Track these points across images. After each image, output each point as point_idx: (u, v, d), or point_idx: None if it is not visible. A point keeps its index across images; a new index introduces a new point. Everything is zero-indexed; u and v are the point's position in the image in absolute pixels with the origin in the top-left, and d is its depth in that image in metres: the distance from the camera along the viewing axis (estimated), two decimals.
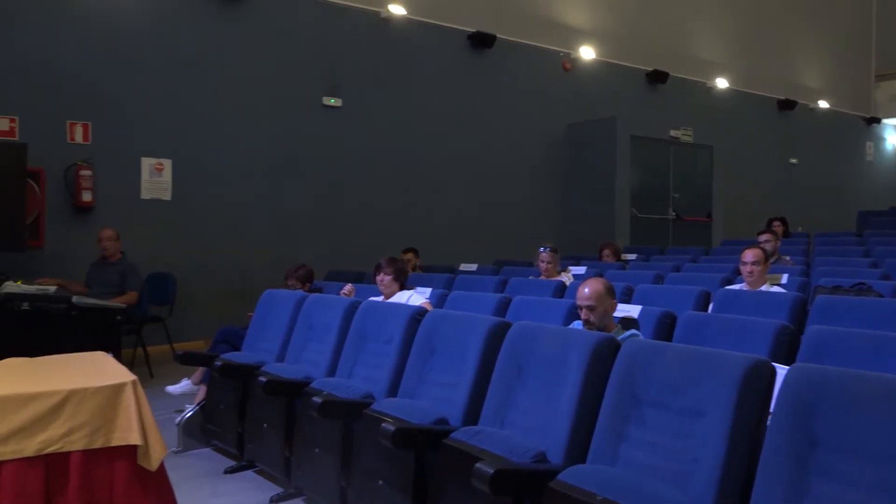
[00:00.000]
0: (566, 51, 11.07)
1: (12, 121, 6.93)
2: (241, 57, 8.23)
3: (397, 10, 9.30)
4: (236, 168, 8.18)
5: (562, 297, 5.18)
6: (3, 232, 5.99)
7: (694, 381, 2.39)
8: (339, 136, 8.94)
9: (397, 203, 9.38)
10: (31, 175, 6.61)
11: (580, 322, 3.59)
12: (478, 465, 2.44)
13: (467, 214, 9.97)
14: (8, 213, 6.00)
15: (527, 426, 2.84)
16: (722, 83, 13.12)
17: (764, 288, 4.79)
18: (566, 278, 6.06)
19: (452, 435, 2.83)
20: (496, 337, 3.21)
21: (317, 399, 3.30)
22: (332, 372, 4.02)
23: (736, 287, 5.00)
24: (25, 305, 5.57)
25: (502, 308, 4.54)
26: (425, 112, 9.64)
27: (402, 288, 5.07)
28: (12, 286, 5.66)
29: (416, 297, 4.95)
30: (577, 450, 2.62)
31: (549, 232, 10.06)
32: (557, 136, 10.98)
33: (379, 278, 5.07)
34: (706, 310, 4.47)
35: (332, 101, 8.91)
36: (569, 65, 11.11)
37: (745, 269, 4.86)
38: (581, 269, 6.59)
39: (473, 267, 7.65)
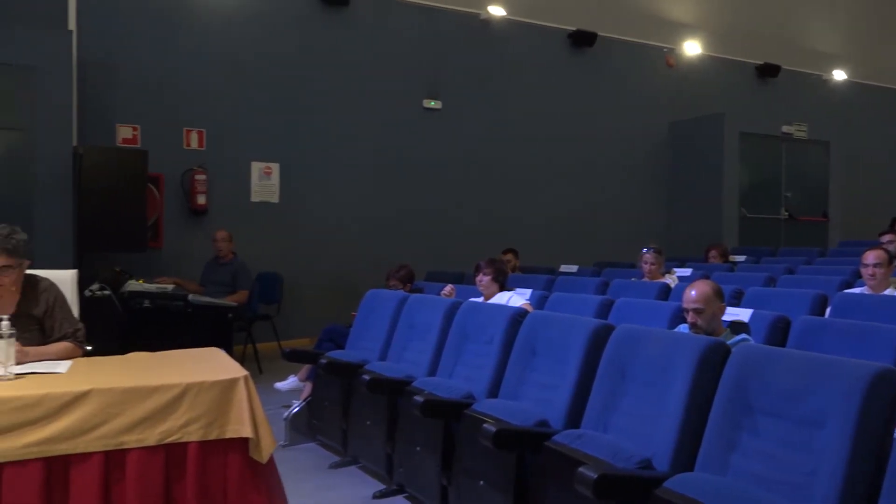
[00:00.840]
0: (670, 46, 10.76)
1: (135, 129, 7.38)
2: (343, 62, 8.44)
3: (497, 11, 9.30)
4: (340, 170, 8.40)
5: (666, 299, 5.04)
6: (126, 233, 6.37)
7: (813, 389, 2.27)
8: (438, 138, 9.03)
9: (497, 203, 9.38)
10: (151, 180, 7.01)
11: (686, 325, 3.47)
12: (581, 469, 2.41)
13: (568, 215, 9.85)
14: (131, 216, 6.38)
15: (631, 431, 2.77)
16: (840, 75, 12.41)
17: (888, 292, 4.50)
18: (670, 280, 5.89)
19: (554, 437, 2.81)
20: (599, 339, 3.15)
21: (418, 398, 3.34)
22: (433, 371, 4.06)
23: (856, 291, 4.71)
24: (146, 303, 5.93)
25: (604, 310, 4.46)
26: (524, 112, 9.60)
27: (502, 289, 5.06)
28: (135, 284, 6.03)
29: (516, 299, 4.93)
30: (685, 457, 2.54)
31: (652, 232, 9.80)
32: (660, 134, 10.69)
33: (478, 279, 5.08)
34: (823, 314, 4.24)
35: (433, 104, 9.01)
36: (673, 61, 10.79)
37: (866, 272, 4.57)
38: (686, 271, 6.38)
39: (574, 268, 7.55)
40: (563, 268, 7.61)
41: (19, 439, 2.37)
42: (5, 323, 2.65)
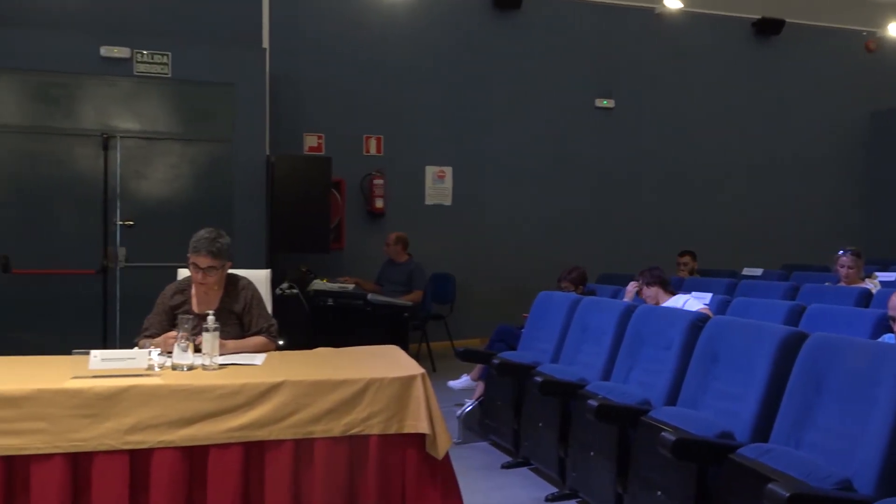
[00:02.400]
0: (870, 29, 9.81)
1: (319, 138, 7.85)
2: (515, 64, 8.49)
3: (673, 3, 8.94)
4: (512, 172, 8.45)
5: (867, 306, 4.60)
6: (311, 235, 6.79)
7: None
8: (611, 138, 8.84)
9: (673, 203, 9.03)
10: (334, 185, 7.42)
11: (892, 336, 3.15)
12: (770, 485, 2.25)
13: (750, 215, 9.28)
14: (316, 219, 6.79)
15: (827, 449, 2.56)
16: None
17: None
18: (872, 285, 5.37)
19: (739, 451, 2.65)
20: (789, 348, 2.94)
21: (592, 402, 3.28)
22: (606, 375, 3.98)
23: None
24: (330, 301, 6.28)
25: (794, 317, 4.15)
26: (703, 108, 9.16)
27: (668, 293, 4.85)
28: (320, 284, 6.41)
29: (693, 303, 4.71)
30: (892, 481, 2.30)
31: (847, 233, 9.00)
32: (858, 125, 9.80)
33: (643, 295, 4.91)
34: None
35: (605, 103, 8.83)
36: (873, 45, 9.84)
37: None
38: (890, 276, 5.80)
39: (758, 271, 7.09)
40: (747, 271, 7.17)
41: (222, 424, 2.59)
42: (210, 318, 2.91)
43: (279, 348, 3.60)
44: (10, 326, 6.18)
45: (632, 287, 5.27)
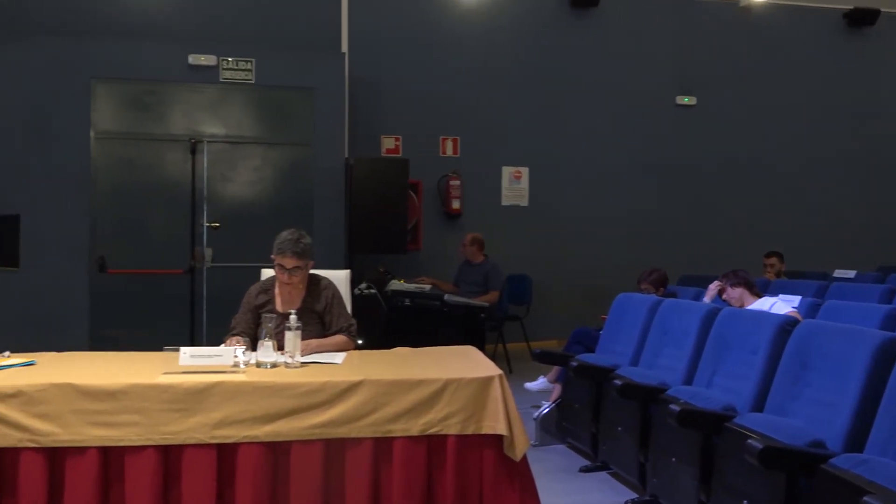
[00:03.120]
0: None
1: (397, 140, 7.95)
2: (592, 63, 8.38)
3: None
4: (589, 172, 8.35)
5: None
6: (389, 236, 6.87)
7: None
8: (692, 136, 8.63)
9: (758, 203, 8.73)
10: (411, 187, 7.49)
11: None
12: (866, 498, 2.15)
13: (841, 214, 8.89)
14: (393, 221, 6.87)
15: None
16: None
17: None
18: None
19: (832, 461, 2.53)
20: (886, 355, 2.79)
21: (674, 407, 3.20)
22: (688, 380, 3.87)
23: None
24: (407, 301, 6.34)
25: (891, 321, 3.94)
26: (790, 105, 8.83)
27: (754, 295, 4.68)
28: (397, 284, 6.48)
29: (781, 306, 4.53)
30: None
31: None
32: None
33: (725, 296, 4.75)
34: None
35: (686, 100, 8.62)
36: None
37: None
38: None
39: (851, 273, 6.78)
40: (838, 272, 6.87)
41: (304, 421, 2.65)
42: (293, 317, 2.98)
43: (358, 348, 3.65)
44: (105, 323, 6.51)
45: (713, 287, 5.10)
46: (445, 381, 2.75)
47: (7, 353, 3.00)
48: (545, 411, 4.81)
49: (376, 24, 7.87)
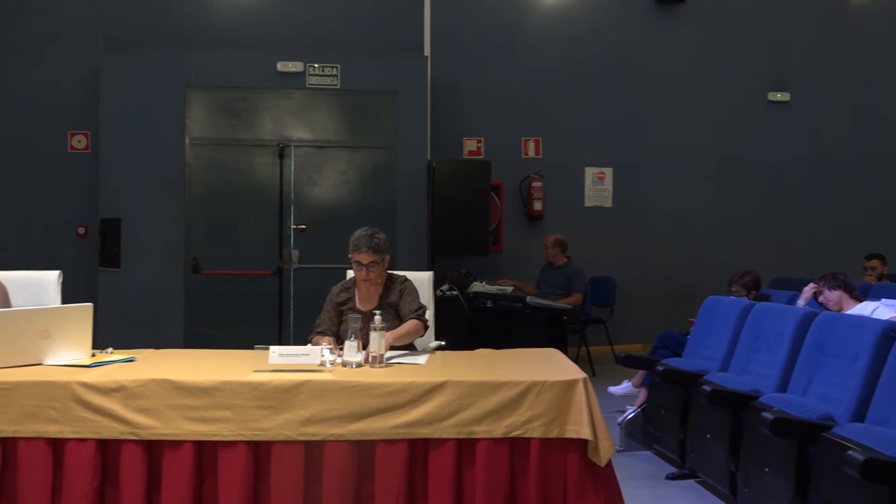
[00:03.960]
0: None
1: (479, 142, 7.96)
2: (678, 60, 8.18)
3: None
4: (675, 172, 8.15)
5: None
6: (471, 238, 6.89)
7: None
8: (786, 133, 8.30)
9: (858, 203, 8.32)
10: (493, 188, 7.49)
11: None
12: None
13: None
14: (475, 222, 6.89)
15: None
16: None
17: None
18: None
19: None
20: None
21: (767, 415, 3.08)
22: (782, 387, 3.72)
23: None
24: (489, 303, 6.34)
25: None
26: (892, 99, 8.37)
27: (854, 299, 4.45)
28: (479, 286, 6.49)
29: (884, 311, 4.29)
30: None
31: None
32: None
33: (822, 299, 4.53)
34: None
35: (779, 96, 8.30)
36: None
37: None
38: None
39: None
40: None
41: (388, 420, 2.68)
42: (377, 318, 3.02)
43: (441, 348, 3.68)
44: (199, 322, 6.78)
45: (808, 289, 4.89)
46: (529, 383, 2.73)
47: (110, 350, 3.16)
48: (630, 416, 4.72)
49: (458, 26, 7.91)
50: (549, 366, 3.07)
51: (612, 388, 5.50)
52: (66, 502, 2.63)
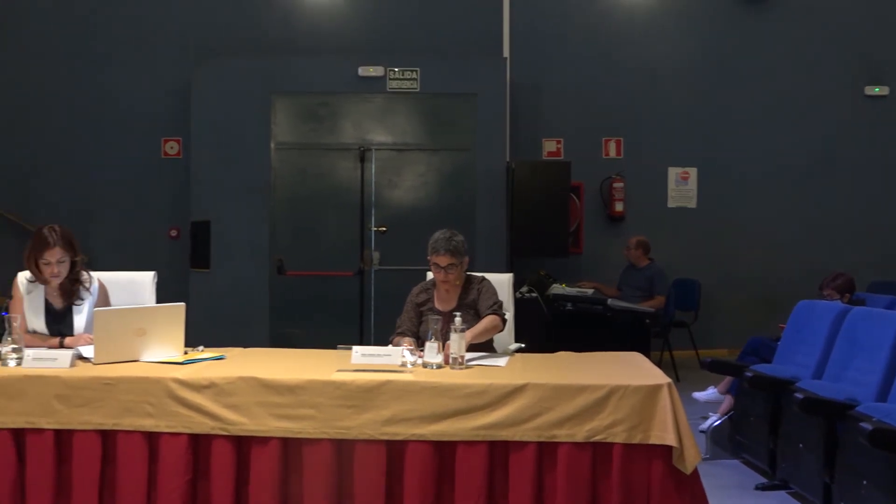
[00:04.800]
0: None
1: (558, 142, 7.89)
2: (765, 55, 7.90)
3: None
4: (764, 171, 7.87)
5: None
6: (550, 240, 6.84)
7: None
8: (885, 129, 7.88)
9: None
10: (573, 189, 7.41)
11: None
12: None
13: None
14: (554, 224, 6.83)
15: None
16: None
17: None
18: None
19: None
20: None
21: (865, 425, 2.94)
22: (882, 396, 3.53)
23: None
24: (568, 305, 6.28)
25: None
26: None
27: None
28: (558, 288, 6.43)
29: None
30: None
31: None
32: None
33: None
34: None
35: (877, 90, 7.90)
36: None
37: None
38: None
39: None
40: None
41: (469, 422, 2.69)
42: (458, 319, 3.03)
43: (520, 350, 3.66)
44: (283, 321, 6.97)
45: None
46: (611, 387, 2.69)
47: (201, 348, 3.28)
48: (717, 423, 4.58)
49: (537, 26, 7.86)
50: (632, 370, 3.02)
51: (697, 394, 5.36)
52: (160, 494, 2.74)
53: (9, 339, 2.94)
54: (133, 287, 3.76)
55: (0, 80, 7.77)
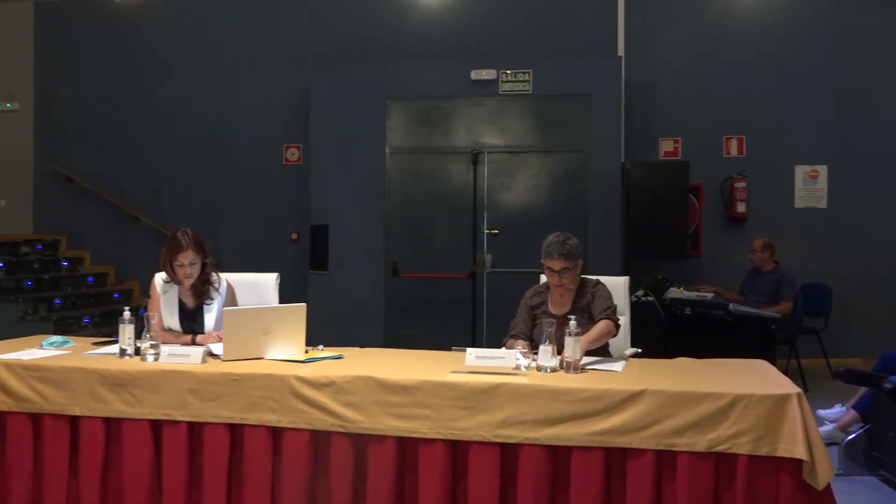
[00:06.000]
0: None
1: (675, 142, 7.64)
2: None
3: None
4: None
5: None
6: (667, 242, 6.62)
7: None
8: None
9: None
10: (691, 190, 7.14)
11: None
12: None
13: None
14: (672, 226, 6.61)
15: None
16: None
17: None
18: None
19: None
20: None
21: None
22: None
23: None
24: (687, 310, 6.07)
25: None
26: None
27: None
28: (676, 292, 6.23)
29: None
30: None
31: None
32: None
33: None
34: None
35: None
36: None
37: None
38: None
39: None
40: None
41: (584, 427, 2.65)
42: (572, 323, 2.99)
43: (637, 356, 3.57)
44: (397, 322, 7.11)
45: None
46: (735, 395, 2.58)
47: (321, 347, 3.39)
48: (851, 437, 4.30)
49: (652, 23, 7.65)
50: (758, 378, 2.88)
51: (822, 412, 5.02)
52: (284, 486, 2.86)
53: (147, 335, 3.15)
54: (258, 288, 3.94)
55: (139, 96, 8.36)
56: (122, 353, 3.19)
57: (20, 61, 8.60)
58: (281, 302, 3.86)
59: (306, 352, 3.30)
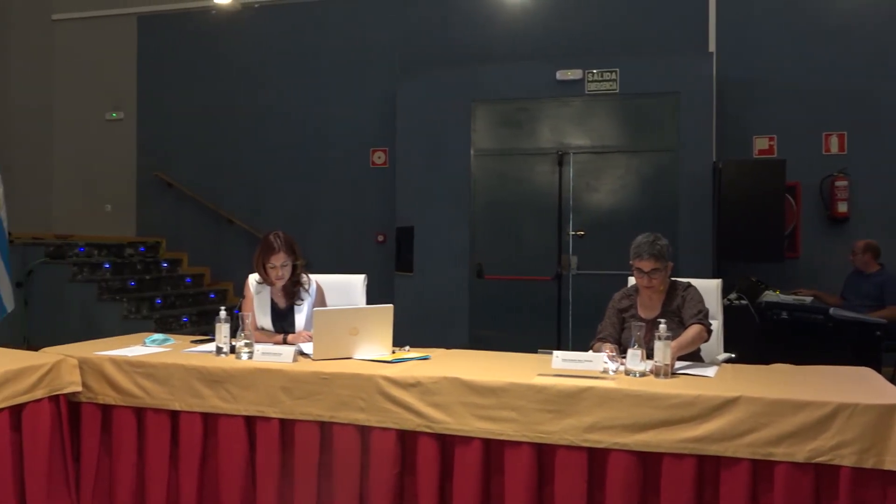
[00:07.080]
0: None
1: (771, 140, 7.35)
2: None
3: None
4: None
5: None
6: (762, 244, 6.38)
7: None
8: None
9: None
10: (788, 189, 6.86)
11: None
12: None
13: None
14: (767, 226, 6.37)
15: None
16: None
17: None
18: None
19: None
20: None
21: None
22: None
23: None
24: (784, 314, 5.82)
25: None
26: None
27: None
28: (772, 295, 5.99)
29: None
30: None
31: None
32: None
33: None
34: None
35: None
36: None
37: None
38: None
39: None
40: None
41: (675, 434, 2.58)
42: (662, 327, 2.92)
43: (730, 361, 3.46)
44: (482, 324, 7.12)
45: None
46: (837, 404, 2.46)
47: (407, 348, 3.43)
48: None
49: (746, 17, 7.38)
50: (862, 387, 2.74)
51: None
52: (372, 484, 2.90)
53: (242, 334, 3.26)
54: (346, 289, 4.03)
55: (234, 104, 8.69)
56: (219, 351, 3.32)
57: (125, 72, 9.10)
58: (368, 303, 3.92)
59: (393, 352, 3.35)
